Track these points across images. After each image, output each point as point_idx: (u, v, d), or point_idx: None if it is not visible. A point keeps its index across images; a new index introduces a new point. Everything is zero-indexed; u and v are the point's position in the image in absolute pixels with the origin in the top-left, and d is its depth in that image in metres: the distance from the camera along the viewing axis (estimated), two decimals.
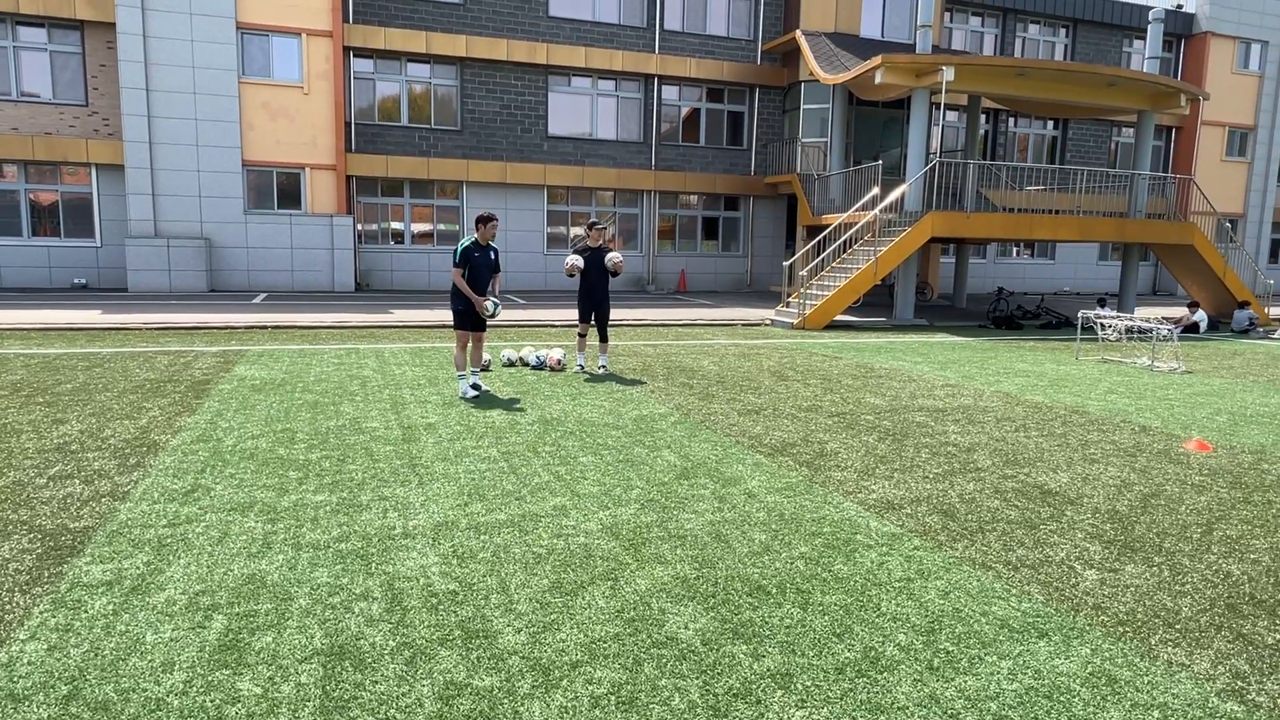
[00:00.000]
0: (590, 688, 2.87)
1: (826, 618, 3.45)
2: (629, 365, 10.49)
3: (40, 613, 3.33)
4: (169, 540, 4.14)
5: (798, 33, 22.17)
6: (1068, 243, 27.18)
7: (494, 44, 21.84)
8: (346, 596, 3.55)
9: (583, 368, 10.04)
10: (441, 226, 22.79)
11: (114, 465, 5.43)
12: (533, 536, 4.32)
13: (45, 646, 3.06)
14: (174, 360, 9.89)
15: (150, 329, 12.78)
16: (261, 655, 3.05)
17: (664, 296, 22.60)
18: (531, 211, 23.18)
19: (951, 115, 25.41)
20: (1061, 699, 2.86)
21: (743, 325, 16.22)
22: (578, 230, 23.90)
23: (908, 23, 23.76)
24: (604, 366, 9.95)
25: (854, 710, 2.77)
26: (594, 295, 9.90)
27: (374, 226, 22.29)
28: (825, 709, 2.77)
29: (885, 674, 3.00)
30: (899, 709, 2.78)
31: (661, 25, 23.50)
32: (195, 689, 2.81)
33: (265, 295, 19.19)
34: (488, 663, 3.03)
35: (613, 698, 2.81)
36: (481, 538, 4.28)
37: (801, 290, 16.55)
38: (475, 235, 8.22)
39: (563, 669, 2.99)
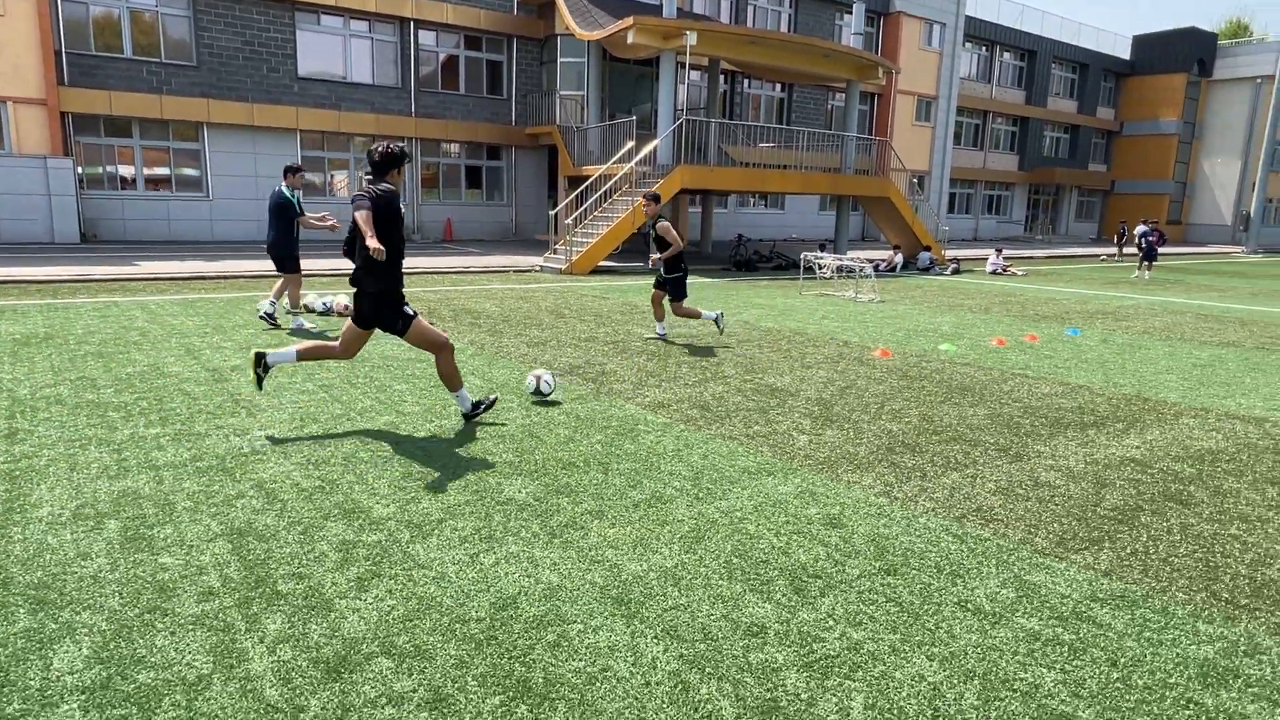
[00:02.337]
0: (456, 533, 3.80)
1: (622, 478, 4.61)
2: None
3: None
4: (19, 473, 4.39)
5: None
6: (794, 194, 30.70)
7: None
8: (224, 498, 4.14)
9: None
10: (187, 171, 21.08)
11: None
12: (374, 445, 5.07)
13: None
14: None
15: None
16: (169, 541, 3.62)
17: (431, 245, 22.75)
18: (284, 157, 22.07)
19: (695, 75, 27.53)
20: (780, 505, 4.25)
21: (514, 271, 17.08)
22: (338, 175, 23.18)
23: None
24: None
25: (648, 525, 3.95)
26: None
27: (99, 170, 20.14)
28: (629, 527, 3.93)
29: (667, 505, 4.22)
30: (677, 521, 4.00)
31: None
32: (122, 566, 3.36)
33: None
34: (370, 527, 3.84)
35: (476, 536, 3.77)
36: (328, 449, 4.96)
37: (567, 238, 17.69)
38: (285, 184, 8.88)
39: (432, 524, 3.89)
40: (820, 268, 15.99)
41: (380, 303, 5.24)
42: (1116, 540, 3.95)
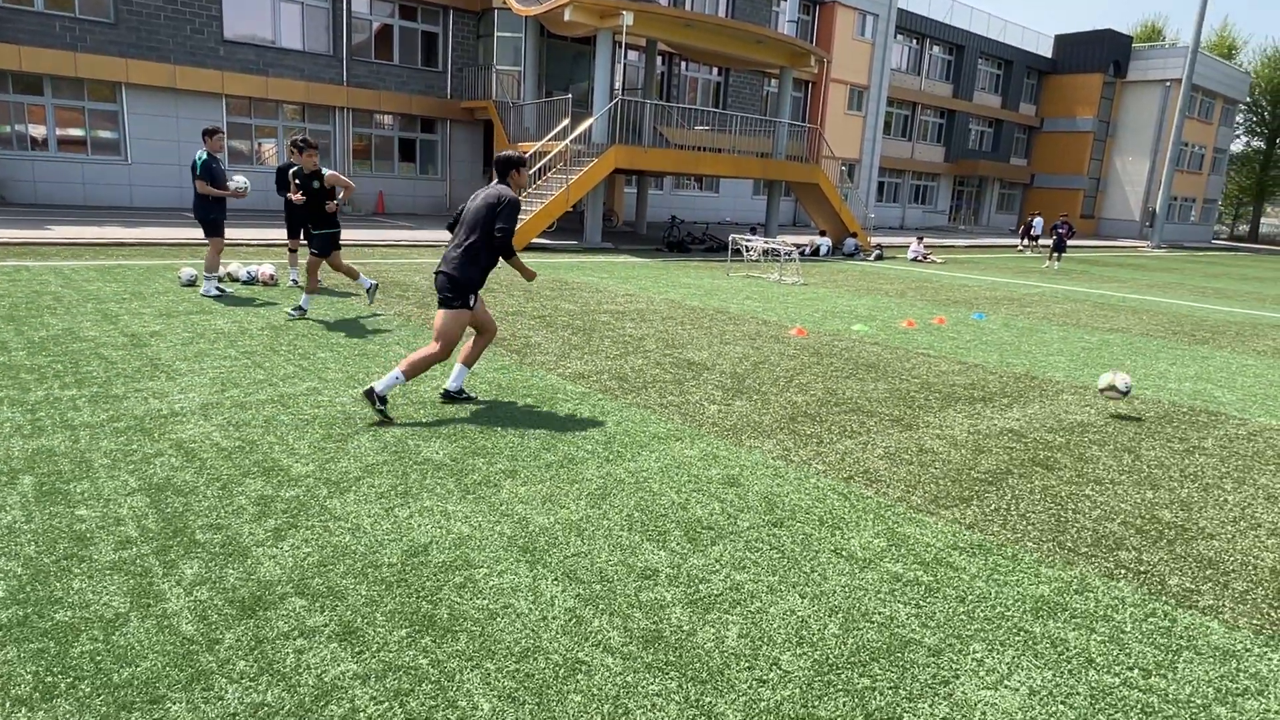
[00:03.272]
0: (374, 489, 3.98)
1: (537, 441, 4.84)
2: (342, 280, 10.99)
3: None
4: None
5: None
6: (728, 178, 31.14)
7: None
8: (142, 456, 4.22)
9: (295, 282, 10.38)
10: (104, 134, 20.23)
11: None
12: (295, 409, 5.17)
13: None
14: None
15: None
16: (85, 496, 3.70)
17: (362, 218, 22.40)
18: (208, 122, 21.39)
19: (633, 55, 27.60)
20: (684, 466, 4.54)
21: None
22: (268, 144, 22.60)
23: None
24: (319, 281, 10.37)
25: (559, 484, 4.19)
26: (303, 213, 10.21)
27: (7, 129, 19.19)
28: (540, 486, 4.16)
29: (578, 466, 4.47)
30: (586, 480, 4.26)
31: None
32: (37, 518, 3.45)
33: None
34: (289, 484, 3.99)
35: (392, 492, 3.95)
36: (249, 412, 5.05)
37: None
38: (206, 147, 8.79)
39: (350, 481, 4.05)
40: (748, 250, 16.41)
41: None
42: (984, 499, 4.36)
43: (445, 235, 18.51)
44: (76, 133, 20.06)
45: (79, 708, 2.31)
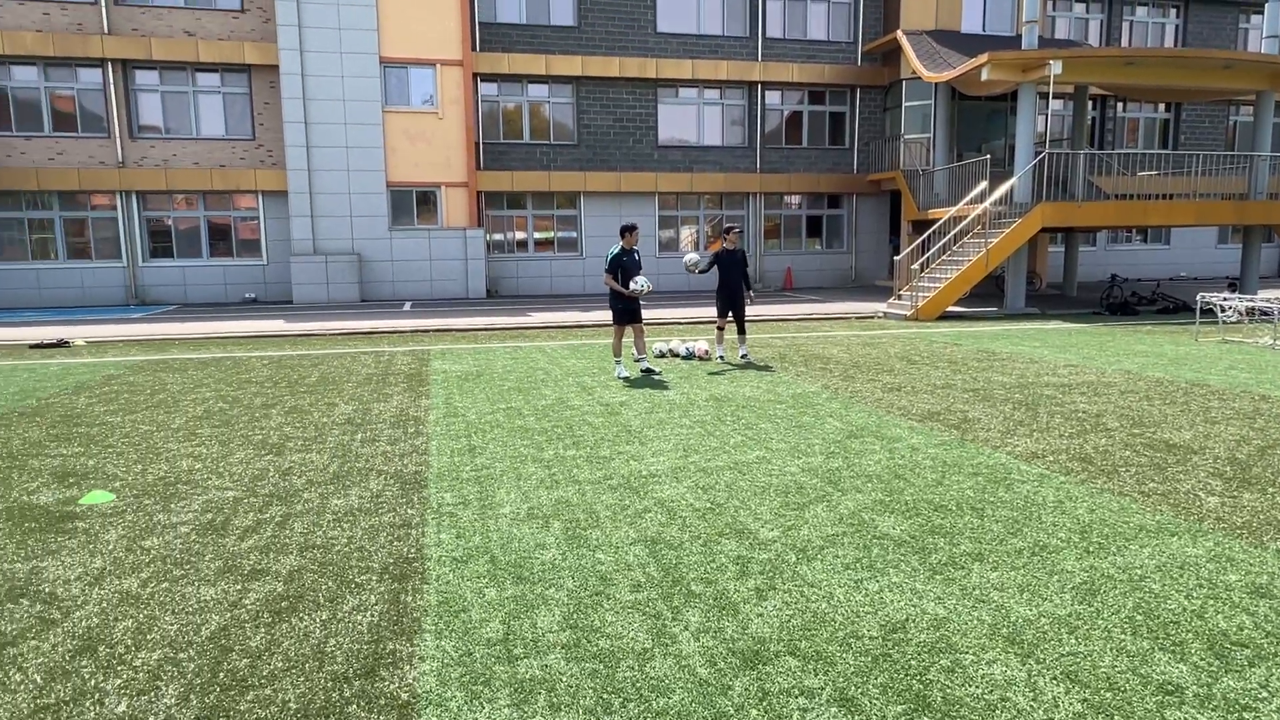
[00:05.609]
0: (839, 559, 4.09)
1: (999, 524, 4.56)
2: (764, 355, 11.66)
3: (432, 518, 4.78)
4: (483, 479, 5.58)
5: (899, 33, 22.82)
6: (1184, 227, 26.75)
7: (607, 62, 23.36)
8: (635, 511, 4.88)
9: (723, 358, 11.27)
10: (561, 235, 24.46)
11: (400, 433, 6.98)
12: (750, 476, 5.57)
13: (454, 535, 4.49)
14: (376, 359, 11.64)
15: (330, 335, 14.72)
16: (599, 543, 4.38)
17: (773, 294, 23.61)
18: (644, 217, 24.57)
19: (1057, 104, 25.49)
20: (1189, 567, 3.91)
21: (856, 318, 17.14)
22: (686, 232, 25.24)
23: (1009, 15, 24.06)
24: (745, 355, 11.16)
25: (1035, 573, 3.89)
26: (731, 293, 11.12)
27: (500, 237, 24.15)
28: (1014, 574, 3.90)
29: (1053, 555, 4.11)
30: (1068, 573, 3.89)
31: (764, 34, 24.54)
32: (570, 559, 4.16)
33: (411, 303, 21.21)
34: (759, 547, 4.28)
35: (858, 564, 4.02)
36: (711, 478, 5.56)
37: (913, 283, 17.33)
38: (622, 243, 9.87)
39: (814, 550, 4.22)
40: (1223, 310, 13.82)
41: None
42: None
43: (853, 306, 18.66)
44: (546, 235, 24.46)
45: None
